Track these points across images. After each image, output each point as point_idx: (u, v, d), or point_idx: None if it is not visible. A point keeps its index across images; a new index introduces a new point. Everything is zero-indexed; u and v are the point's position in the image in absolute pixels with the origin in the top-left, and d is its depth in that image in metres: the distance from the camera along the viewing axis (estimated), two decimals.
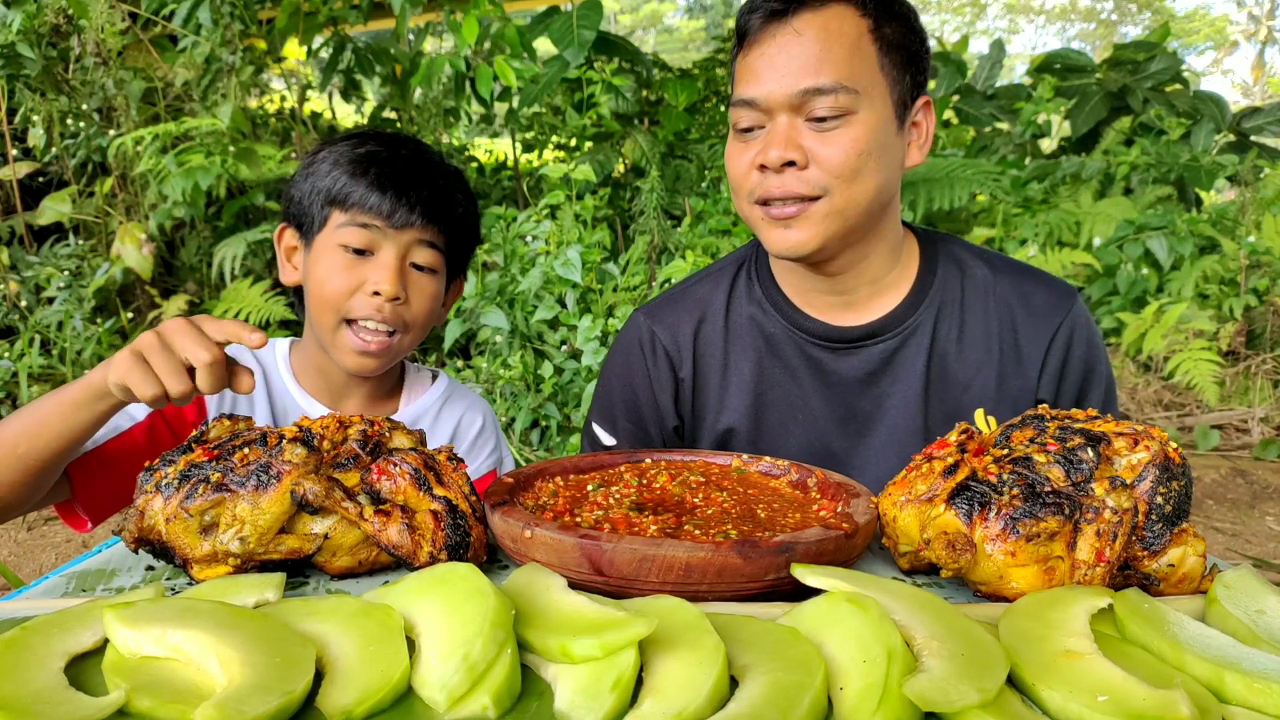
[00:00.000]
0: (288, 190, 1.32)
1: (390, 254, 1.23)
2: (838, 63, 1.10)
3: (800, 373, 1.27)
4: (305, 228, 1.28)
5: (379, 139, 1.30)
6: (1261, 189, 4.90)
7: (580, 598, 0.65)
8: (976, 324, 1.24)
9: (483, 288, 3.61)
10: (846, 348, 1.25)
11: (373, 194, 1.21)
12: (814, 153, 1.11)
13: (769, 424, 1.29)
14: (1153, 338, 4.15)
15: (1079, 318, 1.25)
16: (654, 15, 29.77)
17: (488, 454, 1.48)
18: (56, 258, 4.63)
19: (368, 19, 4.81)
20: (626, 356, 1.37)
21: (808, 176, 1.12)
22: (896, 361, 1.24)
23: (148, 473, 0.83)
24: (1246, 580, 0.73)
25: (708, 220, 4.32)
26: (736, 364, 1.31)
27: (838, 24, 1.11)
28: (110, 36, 4.29)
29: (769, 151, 1.12)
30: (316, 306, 1.25)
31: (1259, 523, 3.50)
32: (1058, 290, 1.26)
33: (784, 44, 1.11)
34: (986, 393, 1.23)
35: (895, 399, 1.25)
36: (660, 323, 1.35)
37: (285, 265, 1.34)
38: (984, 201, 5.18)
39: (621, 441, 1.38)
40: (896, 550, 0.84)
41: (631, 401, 1.37)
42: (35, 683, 0.57)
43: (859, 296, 1.25)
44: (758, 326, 1.30)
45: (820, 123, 1.11)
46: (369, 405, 1.39)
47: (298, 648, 0.60)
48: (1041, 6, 27.23)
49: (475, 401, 1.49)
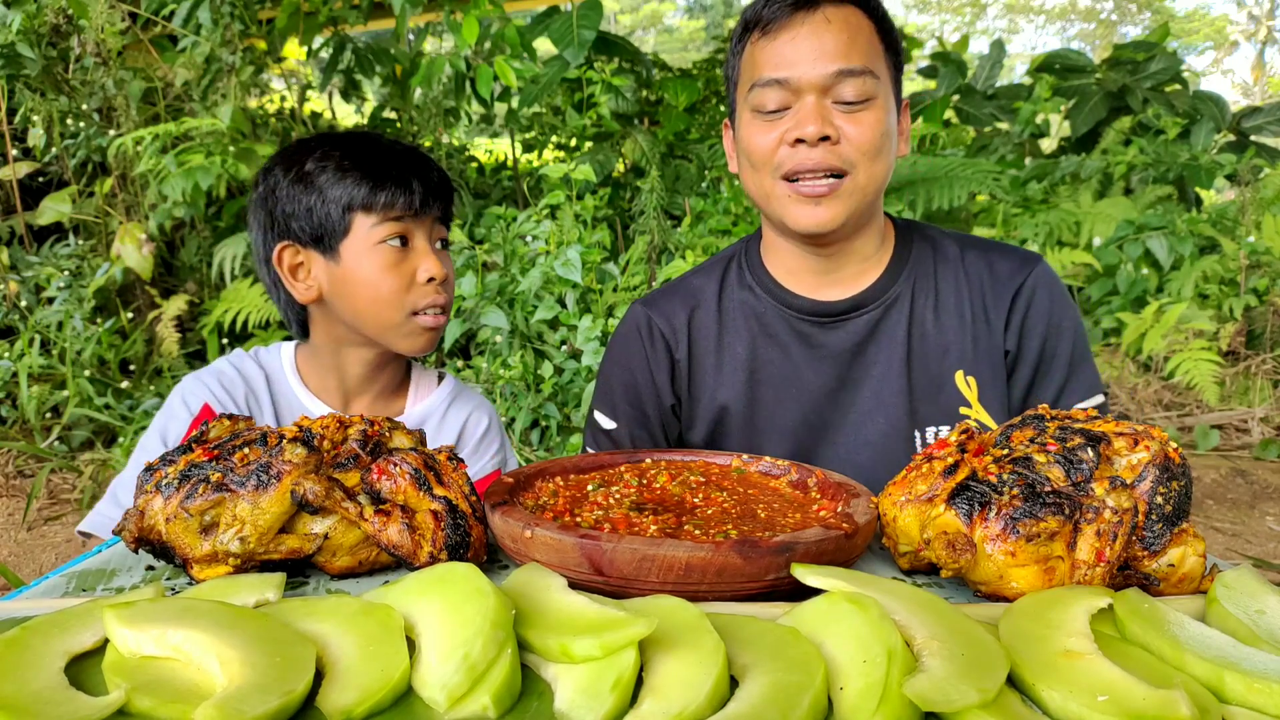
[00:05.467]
0: (272, 209, 1.30)
1: (423, 240, 1.31)
2: (862, 49, 1.20)
3: (792, 348, 1.35)
4: (323, 240, 1.28)
5: (348, 138, 1.33)
6: (1261, 189, 4.90)
7: (580, 598, 0.65)
8: (949, 294, 1.34)
9: (483, 288, 3.61)
10: (833, 320, 1.34)
11: (400, 190, 1.27)
12: (844, 131, 1.20)
13: (764, 399, 1.36)
14: (1153, 338, 4.15)
15: (1041, 278, 1.33)
16: (654, 15, 29.78)
17: (492, 455, 1.50)
18: (56, 258, 4.64)
19: (368, 19, 4.81)
20: (625, 343, 1.44)
21: (840, 151, 1.20)
22: (880, 331, 1.33)
23: (148, 472, 0.83)
24: (1246, 580, 0.73)
25: (708, 220, 4.32)
26: (730, 344, 1.38)
27: (856, 19, 1.21)
28: (110, 36, 4.29)
29: (805, 126, 1.19)
30: (371, 308, 1.29)
31: (1259, 523, 3.50)
32: (1020, 256, 1.35)
33: (816, 28, 1.20)
34: (964, 356, 1.31)
35: (880, 365, 1.33)
36: (656, 310, 1.42)
37: (295, 284, 1.32)
38: (984, 201, 5.18)
39: (621, 424, 1.43)
40: (896, 550, 0.84)
41: (630, 384, 1.43)
42: (35, 682, 0.57)
43: (845, 274, 1.34)
44: (749, 309, 1.38)
45: (848, 105, 1.19)
46: (378, 404, 1.41)
47: (298, 647, 0.60)
48: (1041, 6, 27.23)
49: (481, 403, 1.52)
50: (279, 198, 1.29)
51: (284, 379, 1.39)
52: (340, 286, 1.29)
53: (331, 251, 1.28)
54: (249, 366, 1.39)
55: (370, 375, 1.40)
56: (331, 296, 1.31)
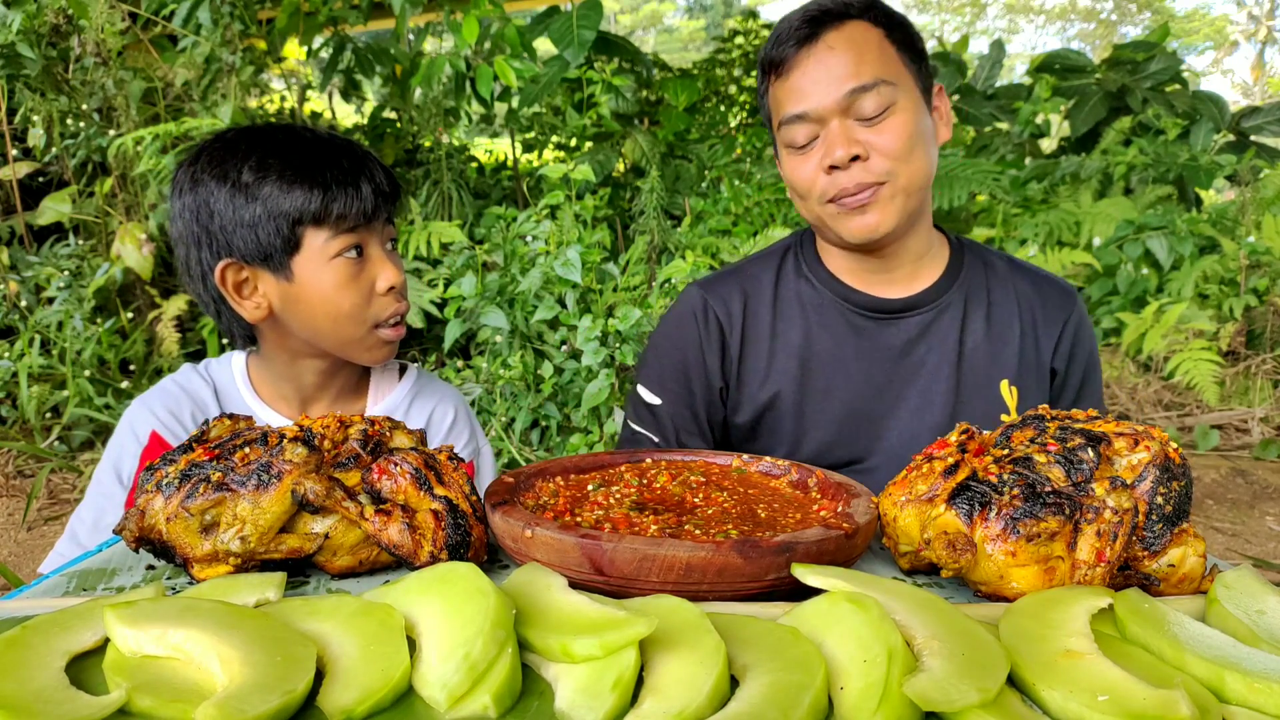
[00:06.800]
0: (208, 224, 1.20)
1: (377, 246, 1.26)
2: (872, 63, 1.24)
3: (845, 339, 1.40)
4: (271, 258, 1.20)
5: (277, 138, 1.23)
6: (1261, 189, 4.90)
7: (581, 597, 0.65)
8: (1001, 307, 1.41)
9: (483, 288, 3.61)
10: (888, 318, 1.39)
11: (353, 199, 1.20)
12: (871, 144, 1.24)
13: (813, 387, 1.40)
14: (1153, 338, 4.15)
15: (1083, 313, 1.45)
16: (654, 15, 29.78)
17: (463, 445, 1.46)
18: (56, 258, 4.63)
19: (368, 19, 4.81)
20: (680, 322, 1.47)
21: (872, 166, 1.25)
22: (932, 332, 1.38)
23: (148, 472, 0.83)
24: (1246, 580, 0.73)
25: (708, 220, 4.32)
26: (784, 333, 1.42)
27: (860, 34, 1.25)
28: (110, 36, 4.29)
29: (834, 151, 1.24)
30: (331, 324, 1.23)
31: (1259, 523, 3.50)
32: (1062, 287, 1.45)
33: (821, 58, 1.25)
34: (1011, 366, 1.38)
35: (930, 366, 1.38)
36: (713, 294, 1.46)
37: (242, 303, 1.24)
38: (984, 201, 5.18)
39: (666, 401, 1.46)
40: (896, 550, 0.84)
41: (680, 363, 1.46)
42: (36, 682, 0.57)
43: (901, 274, 1.39)
44: (805, 299, 1.43)
45: (870, 120, 1.24)
46: (336, 408, 1.36)
47: (298, 647, 0.60)
48: (1041, 6, 27.23)
49: (447, 393, 1.47)
50: (215, 211, 1.19)
51: (235, 390, 1.35)
52: (294, 305, 1.23)
53: (282, 269, 1.21)
54: (195, 382, 1.34)
55: (325, 382, 1.35)
56: (284, 314, 1.24)
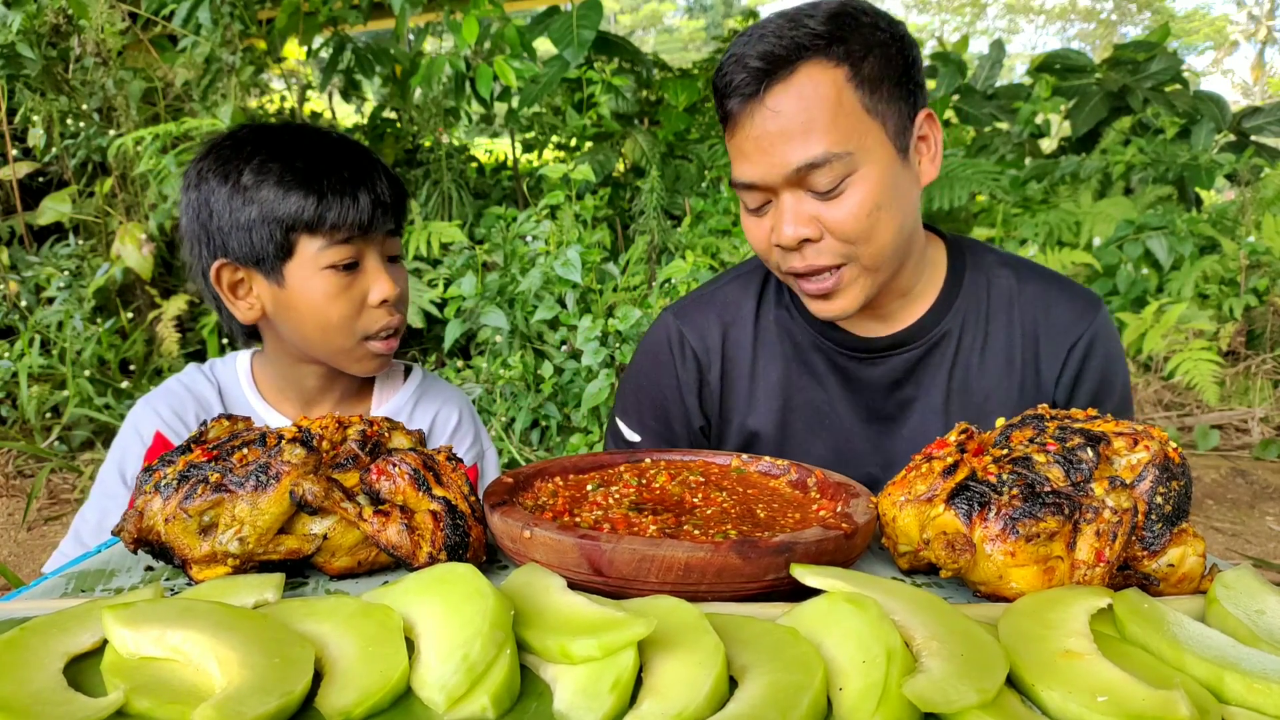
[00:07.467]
0: (206, 223, 1.20)
1: (375, 258, 1.23)
2: (823, 131, 1.06)
3: (827, 380, 1.29)
4: (264, 262, 1.19)
5: (286, 139, 1.21)
6: (1261, 189, 4.90)
7: (580, 598, 0.65)
8: (999, 336, 1.26)
9: (483, 288, 3.61)
10: (873, 357, 1.27)
11: (349, 208, 1.17)
12: (826, 221, 1.10)
13: (795, 429, 1.31)
14: (1153, 338, 4.15)
15: (1100, 331, 1.25)
16: (654, 15, 29.79)
17: (467, 448, 1.45)
18: (56, 258, 4.63)
19: (368, 19, 4.81)
20: (655, 356, 1.38)
21: (825, 248, 1.12)
22: (921, 369, 1.26)
23: (147, 473, 0.83)
24: (1246, 580, 0.73)
25: (708, 220, 4.32)
26: (765, 368, 1.32)
27: (812, 88, 1.06)
28: (110, 36, 4.29)
29: (782, 230, 1.11)
30: (318, 334, 1.22)
31: (1259, 523, 3.50)
32: (1081, 304, 1.26)
33: (763, 124, 1.08)
34: (1007, 403, 1.25)
35: (919, 404, 1.27)
36: (689, 324, 1.35)
37: (236, 303, 1.24)
38: (984, 201, 5.18)
39: (646, 438, 1.39)
40: (896, 550, 0.84)
41: (659, 401, 1.37)
42: (34, 683, 0.57)
43: (889, 310, 1.26)
44: (786, 332, 1.31)
45: (824, 195, 1.09)
46: (340, 408, 1.36)
47: (297, 648, 0.60)
48: (1041, 6, 27.23)
49: (451, 395, 1.46)
50: (214, 210, 1.19)
51: (239, 390, 1.34)
52: (284, 311, 1.22)
53: (274, 273, 1.20)
54: (199, 383, 1.34)
55: (327, 385, 1.34)
56: (275, 319, 1.24)
